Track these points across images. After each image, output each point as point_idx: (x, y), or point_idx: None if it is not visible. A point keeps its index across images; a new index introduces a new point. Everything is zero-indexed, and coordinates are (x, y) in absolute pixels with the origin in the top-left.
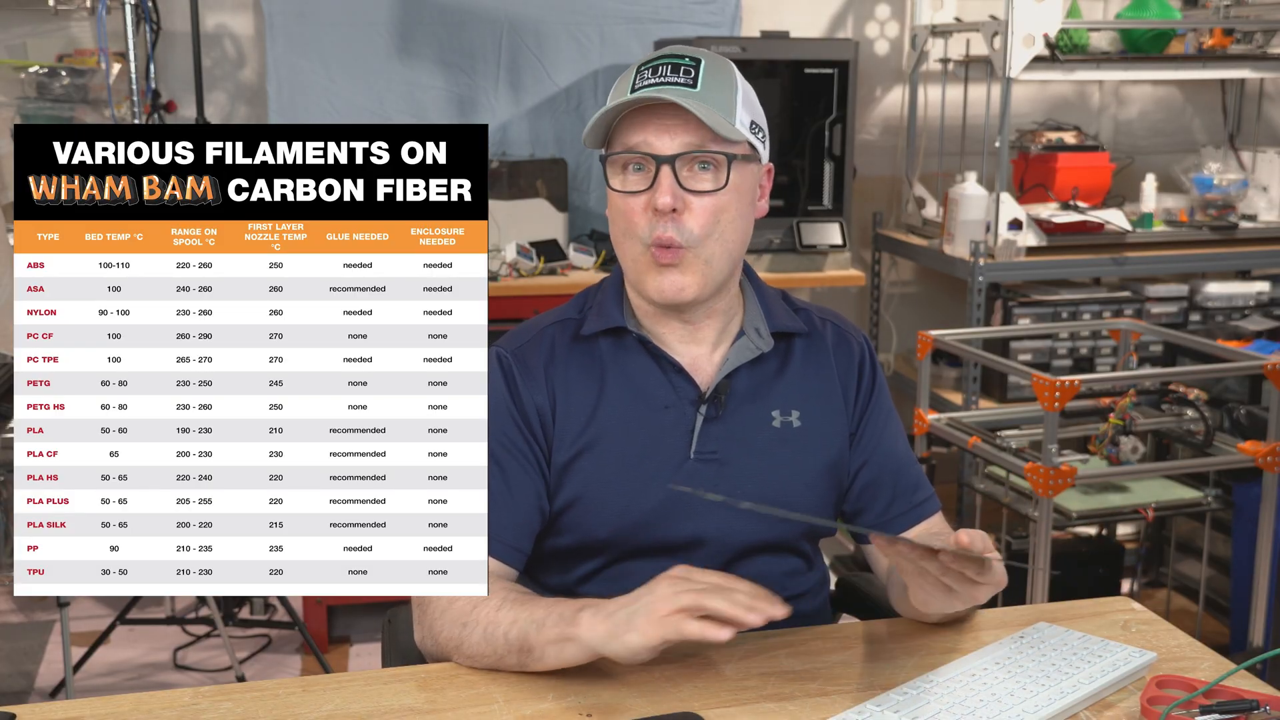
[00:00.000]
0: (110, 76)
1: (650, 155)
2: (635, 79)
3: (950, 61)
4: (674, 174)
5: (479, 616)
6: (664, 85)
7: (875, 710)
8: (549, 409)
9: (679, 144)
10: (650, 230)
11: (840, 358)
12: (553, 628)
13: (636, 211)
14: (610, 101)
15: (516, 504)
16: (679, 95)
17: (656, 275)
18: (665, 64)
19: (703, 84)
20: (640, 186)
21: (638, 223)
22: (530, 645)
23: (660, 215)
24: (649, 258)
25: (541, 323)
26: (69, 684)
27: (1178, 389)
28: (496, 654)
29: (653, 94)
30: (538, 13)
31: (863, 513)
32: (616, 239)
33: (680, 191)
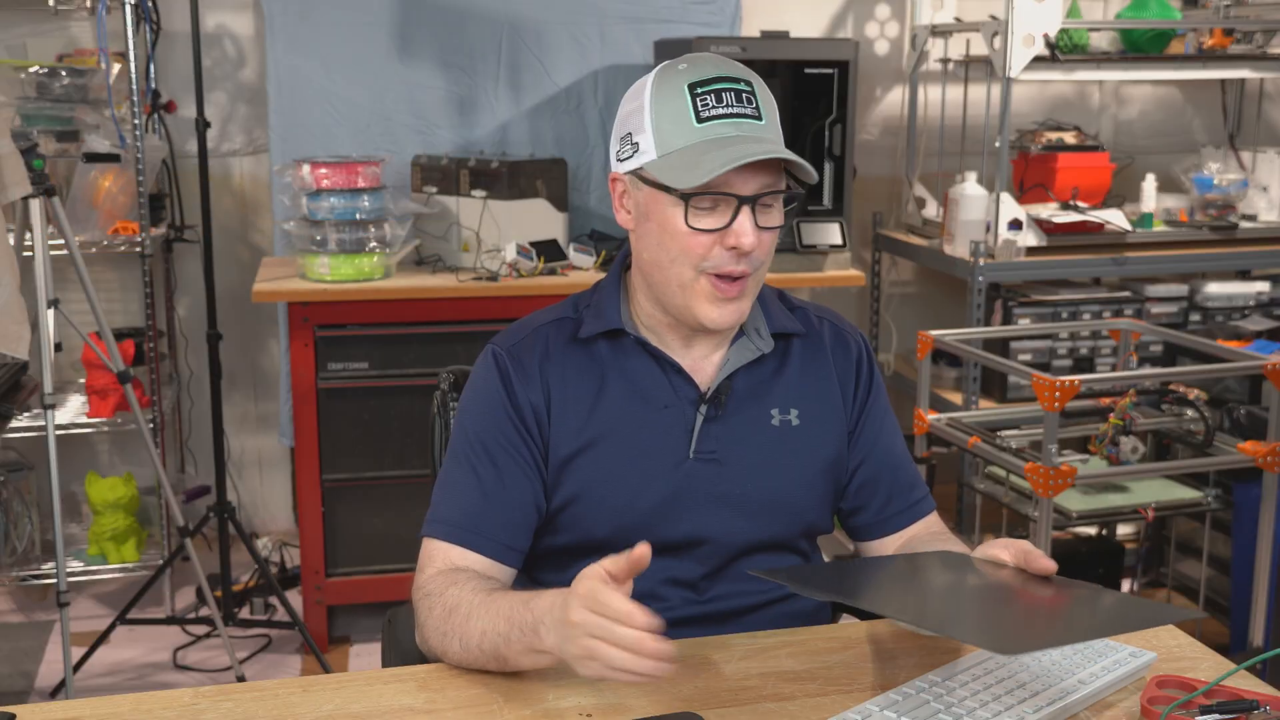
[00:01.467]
0: (110, 76)
1: (734, 195)
2: (696, 104)
3: (950, 61)
4: (753, 213)
5: (453, 627)
6: (737, 118)
7: (875, 710)
8: (544, 407)
9: (758, 184)
10: (717, 262)
11: (838, 357)
12: (519, 641)
13: (704, 244)
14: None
15: (512, 502)
16: (755, 133)
17: (715, 305)
18: (727, 91)
19: (763, 112)
20: (716, 224)
21: (699, 253)
22: (504, 656)
23: (735, 253)
24: (706, 286)
25: (535, 321)
26: (69, 684)
27: (1178, 389)
28: (478, 662)
29: (748, 140)
30: (538, 13)
31: (860, 511)
32: (663, 261)
33: (758, 230)
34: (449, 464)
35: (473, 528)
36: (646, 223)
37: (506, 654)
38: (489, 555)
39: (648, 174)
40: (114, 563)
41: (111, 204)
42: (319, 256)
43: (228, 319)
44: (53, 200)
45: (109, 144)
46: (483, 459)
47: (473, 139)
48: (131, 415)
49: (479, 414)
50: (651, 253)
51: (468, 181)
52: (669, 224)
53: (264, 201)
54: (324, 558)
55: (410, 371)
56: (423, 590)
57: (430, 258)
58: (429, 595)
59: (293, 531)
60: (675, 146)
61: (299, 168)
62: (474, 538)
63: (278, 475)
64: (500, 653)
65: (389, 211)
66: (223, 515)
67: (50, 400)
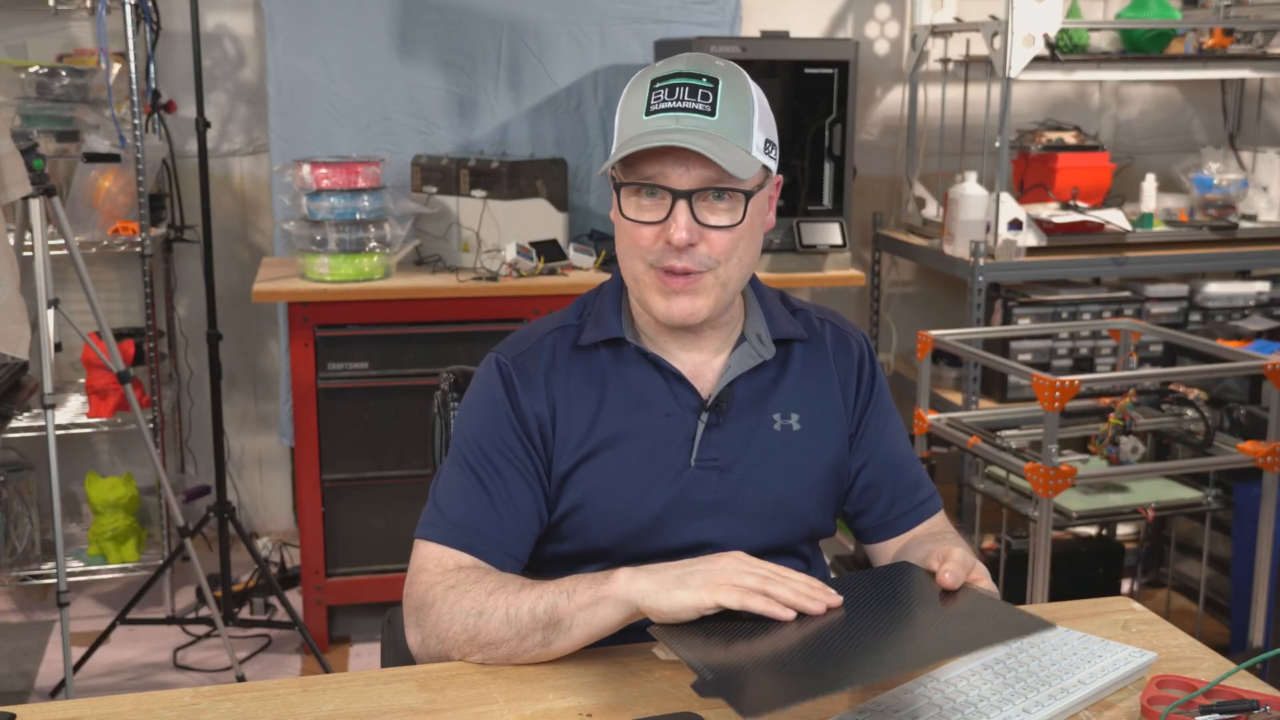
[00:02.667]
0: (110, 76)
1: (666, 189)
2: (650, 98)
3: (950, 61)
4: (690, 208)
5: (497, 602)
6: (682, 112)
7: (875, 710)
8: (549, 418)
9: (695, 178)
10: (660, 256)
11: (839, 359)
12: (585, 592)
13: (647, 236)
14: (623, 118)
15: (516, 512)
16: (697, 128)
17: (663, 298)
18: (682, 85)
19: (720, 109)
20: (654, 217)
21: (643, 245)
22: (559, 616)
23: (672, 248)
24: (653, 277)
25: (541, 329)
26: (69, 684)
27: (1178, 389)
28: (519, 635)
29: (670, 130)
30: (538, 13)
31: (864, 513)
32: (621, 255)
33: (696, 226)
34: (451, 469)
35: (480, 533)
36: (614, 214)
37: (564, 610)
38: (494, 563)
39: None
40: (114, 563)
41: (111, 204)
42: (319, 256)
43: (228, 319)
44: (53, 200)
45: (109, 144)
46: (487, 467)
47: (473, 139)
48: (131, 415)
49: (483, 422)
50: (619, 249)
51: (468, 181)
52: (618, 216)
53: (264, 201)
54: (324, 558)
55: (410, 371)
56: (444, 584)
57: (430, 258)
58: (455, 586)
59: (293, 531)
60: (622, 139)
61: (299, 168)
62: (482, 544)
63: (278, 475)
64: (557, 611)
65: (389, 211)
66: (223, 515)
67: (50, 400)
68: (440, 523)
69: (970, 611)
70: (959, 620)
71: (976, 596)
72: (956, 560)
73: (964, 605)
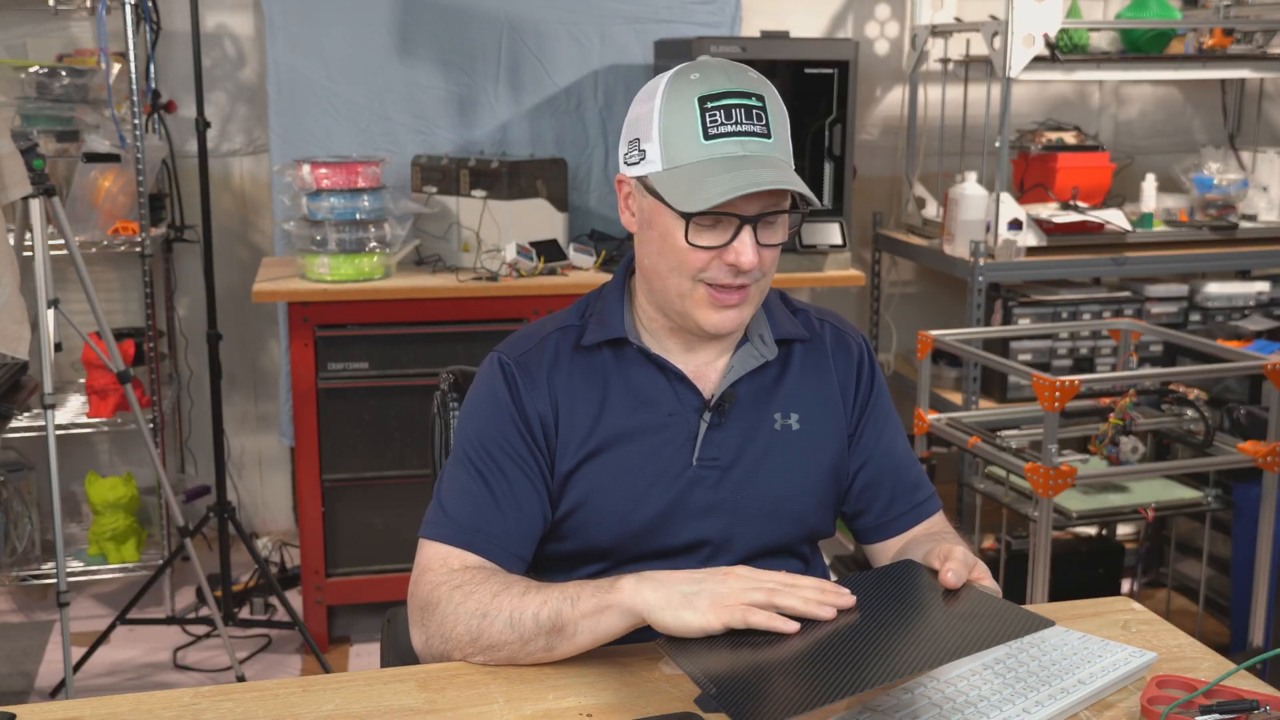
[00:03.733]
0: (110, 76)
1: (735, 215)
2: (704, 119)
3: (950, 61)
4: (754, 232)
5: (501, 605)
6: (743, 136)
7: (875, 710)
8: (552, 417)
9: (760, 204)
10: (714, 276)
11: (839, 359)
12: (589, 599)
13: (702, 259)
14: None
15: (521, 511)
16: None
17: (714, 310)
18: (738, 107)
19: (773, 129)
20: (717, 241)
21: (697, 266)
22: (563, 623)
23: (733, 269)
24: (704, 294)
25: (544, 329)
26: (69, 684)
27: (1178, 389)
28: (521, 639)
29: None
30: (538, 13)
31: (863, 514)
32: (662, 270)
33: (759, 248)
34: (454, 469)
35: (483, 532)
36: (649, 230)
37: (568, 617)
38: (498, 562)
39: (652, 185)
40: (114, 563)
41: (111, 204)
42: (319, 256)
43: (228, 319)
44: (53, 200)
45: (109, 144)
46: (490, 466)
47: (473, 139)
48: (131, 415)
49: (486, 421)
50: (652, 260)
51: (468, 181)
52: (670, 237)
53: (264, 201)
54: (324, 558)
55: (410, 371)
56: (449, 584)
57: (430, 258)
58: (460, 587)
59: (293, 531)
60: (681, 161)
61: (299, 168)
62: (486, 543)
63: (278, 475)
64: (561, 617)
65: (389, 211)
66: (223, 515)
67: (50, 400)
68: (445, 522)
69: (973, 611)
70: (963, 620)
71: (979, 595)
72: (958, 559)
73: (967, 605)
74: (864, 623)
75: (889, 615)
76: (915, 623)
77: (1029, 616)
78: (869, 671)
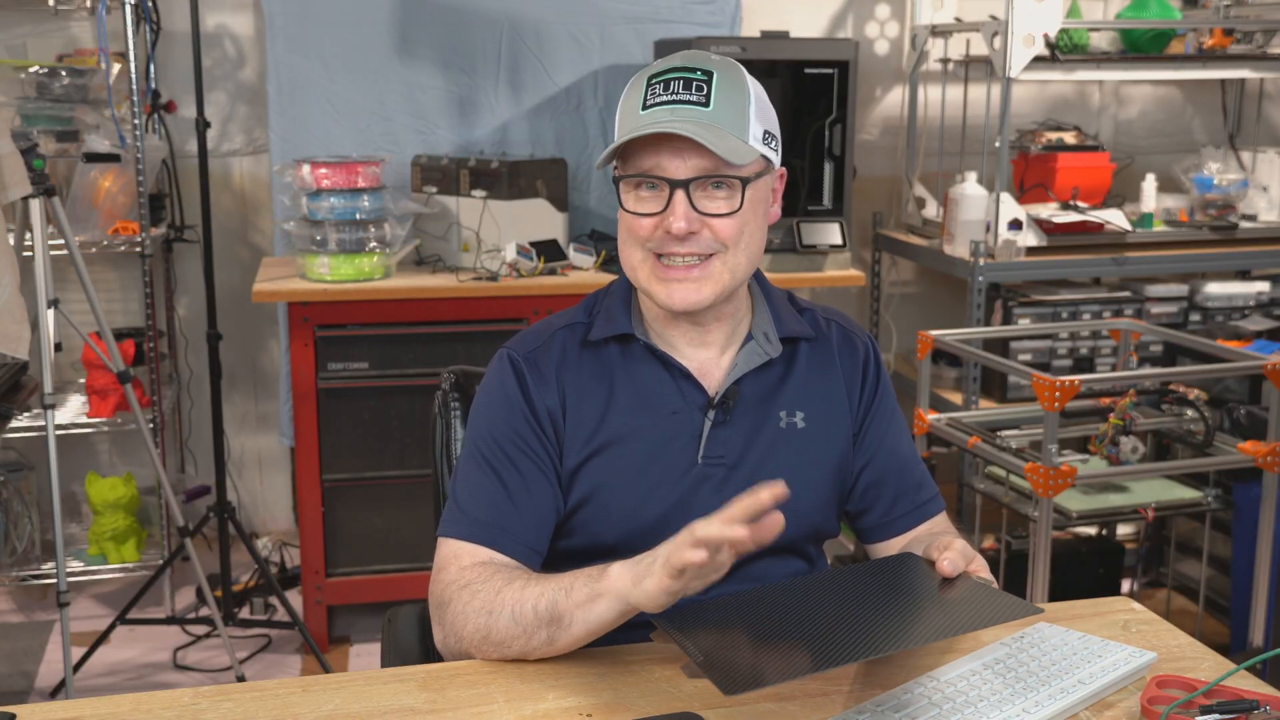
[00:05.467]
0: (110, 76)
1: (664, 179)
2: (646, 93)
3: (950, 61)
4: (688, 197)
5: (504, 600)
6: (677, 104)
7: (875, 710)
8: (560, 412)
9: (692, 168)
10: (660, 243)
11: (845, 359)
12: (581, 589)
13: (646, 226)
14: (622, 116)
15: (535, 505)
16: (692, 118)
17: (663, 284)
18: (677, 79)
19: (715, 101)
20: (653, 208)
21: (642, 235)
22: (559, 612)
23: (672, 237)
24: (651, 264)
25: (552, 326)
26: (69, 684)
27: (1178, 389)
28: (525, 633)
29: (665, 122)
30: (538, 13)
31: (866, 513)
32: (620, 245)
33: (694, 214)
34: (468, 466)
35: (500, 528)
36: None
37: (564, 607)
38: (515, 556)
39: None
40: (114, 563)
41: (111, 204)
42: (319, 256)
43: (228, 319)
44: (53, 200)
45: (109, 144)
46: (504, 462)
47: (473, 139)
48: (131, 415)
49: (497, 417)
50: (619, 241)
51: (468, 181)
52: (621, 211)
53: (264, 201)
54: (324, 558)
55: (410, 371)
56: (458, 582)
57: (430, 258)
58: (468, 585)
59: (293, 531)
60: (620, 135)
61: (299, 168)
62: (501, 537)
63: (278, 475)
64: (557, 608)
65: (389, 211)
66: (223, 515)
67: (50, 400)
68: (460, 519)
69: (964, 597)
70: (951, 605)
71: (973, 584)
72: (957, 550)
73: (959, 592)
74: (856, 606)
75: (880, 598)
76: (904, 604)
77: (1018, 603)
78: (851, 647)
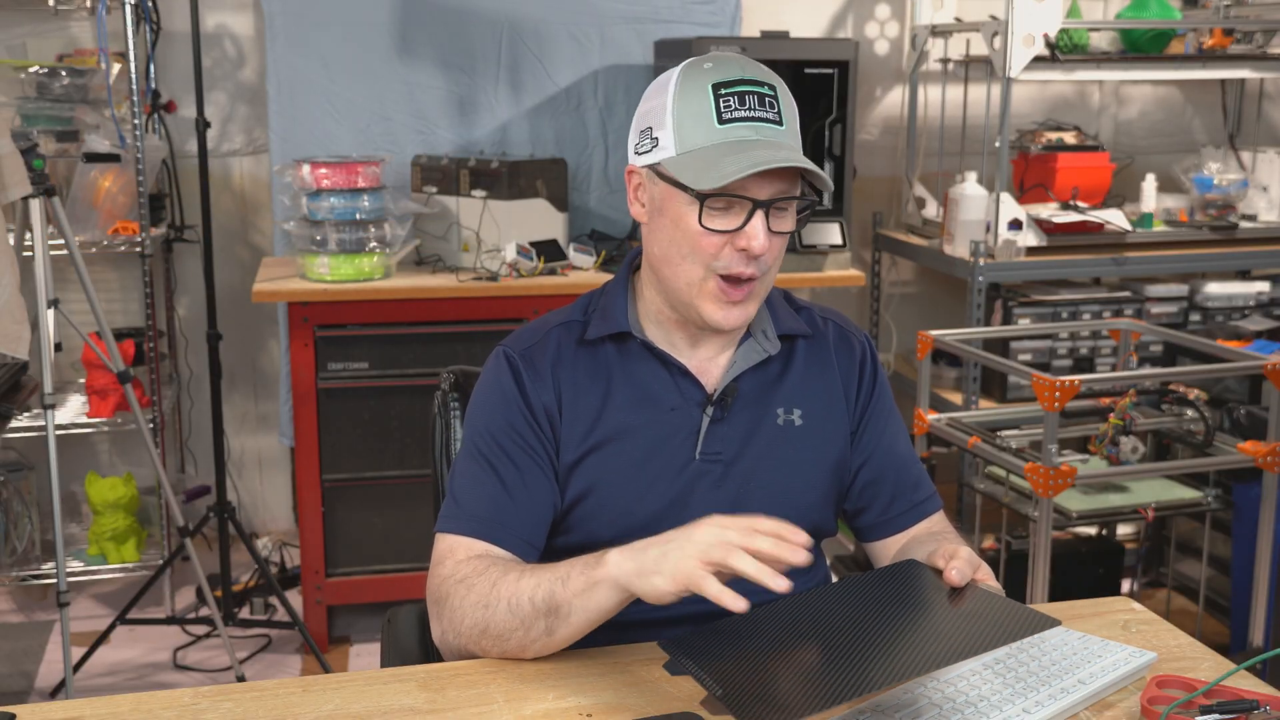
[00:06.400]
0: (110, 76)
1: (749, 199)
2: (718, 105)
3: (950, 61)
4: (765, 217)
5: (500, 593)
6: (757, 122)
7: (875, 710)
8: (556, 408)
9: (773, 189)
10: (726, 263)
11: (842, 357)
12: (578, 577)
13: (716, 244)
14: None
15: (532, 500)
16: (773, 138)
17: (721, 307)
18: (750, 93)
19: (784, 116)
20: (729, 225)
21: (710, 252)
22: (557, 602)
23: (744, 255)
24: (713, 287)
25: (548, 324)
26: (69, 684)
27: (1178, 389)
28: (524, 624)
29: (758, 143)
30: (538, 13)
31: (864, 511)
32: (673, 258)
33: (769, 235)
34: (465, 462)
35: (496, 522)
36: (660, 218)
37: (561, 597)
38: (511, 551)
39: (665, 170)
40: (114, 563)
41: (111, 204)
42: (319, 256)
43: (228, 319)
44: (53, 200)
45: (109, 144)
46: (500, 457)
47: (473, 139)
48: (131, 415)
49: (494, 413)
50: (663, 248)
51: (468, 181)
52: (682, 222)
53: (264, 201)
54: (324, 558)
55: (410, 371)
56: (454, 577)
57: (430, 258)
58: (464, 579)
59: (293, 531)
60: (695, 145)
61: (299, 168)
62: (498, 532)
63: (278, 475)
64: (555, 598)
65: (389, 211)
66: (223, 515)
67: (50, 400)
68: (457, 515)
69: (979, 611)
70: (969, 620)
71: (984, 595)
72: (963, 558)
73: (972, 604)
74: (870, 623)
75: (895, 615)
76: (921, 623)
77: (1036, 616)
78: (876, 672)
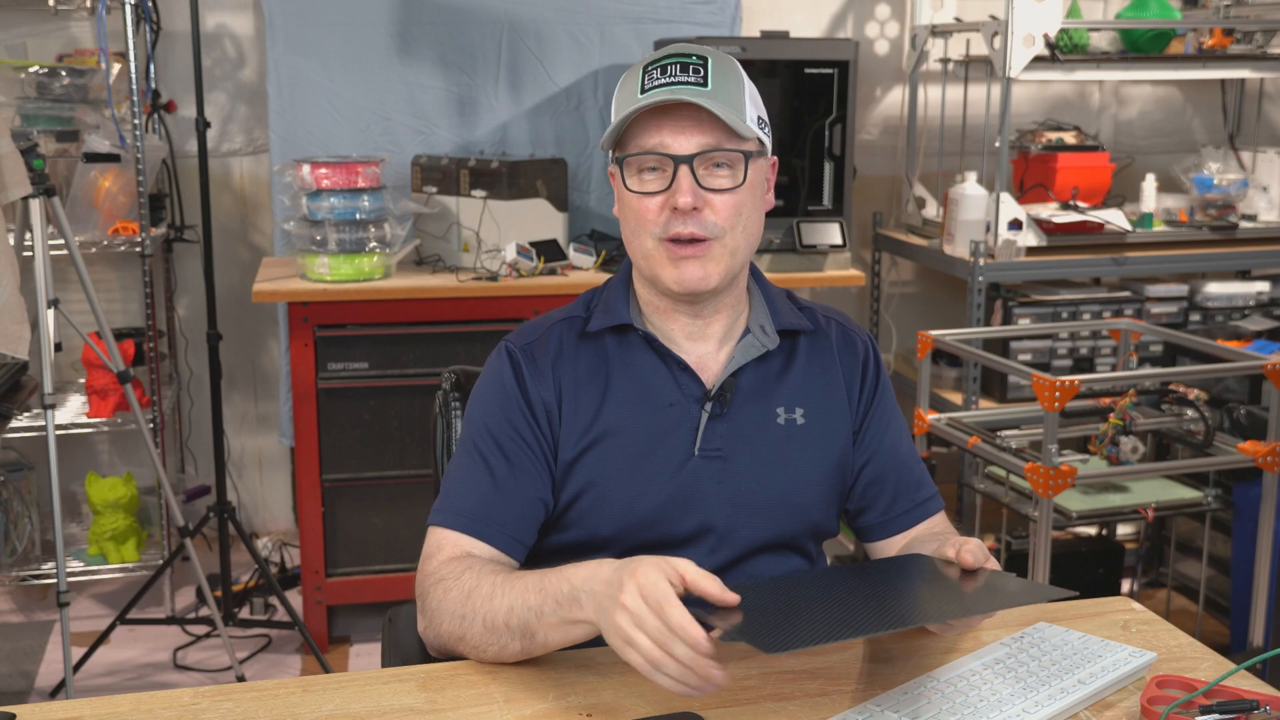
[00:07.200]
0: (110, 76)
1: (668, 155)
2: (644, 79)
3: (950, 61)
4: (692, 173)
5: (475, 608)
6: (675, 85)
7: (875, 710)
8: (556, 405)
9: (696, 144)
10: (666, 226)
11: (845, 356)
12: (553, 614)
13: (652, 209)
14: (619, 104)
15: (522, 496)
16: (693, 95)
17: (674, 267)
18: (674, 63)
19: (713, 82)
20: (658, 187)
21: (650, 219)
22: (534, 632)
23: (679, 214)
24: (663, 251)
25: (549, 320)
26: (69, 684)
27: (1178, 389)
28: (499, 641)
29: (666, 94)
30: (538, 13)
31: (865, 511)
32: (628, 236)
33: (699, 190)
34: (460, 455)
35: (484, 518)
36: (617, 204)
37: (538, 629)
38: (498, 547)
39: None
40: (114, 563)
41: (111, 204)
42: (319, 256)
43: (228, 319)
44: (53, 200)
45: (109, 144)
46: (494, 452)
47: (473, 139)
48: (131, 415)
49: (492, 408)
50: (623, 232)
51: (468, 181)
52: (625, 197)
53: (264, 201)
54: (324, 558)
55: (410, 371)
56: (434, 576)
57: (430, 258)
58: (442, 580)
59: (293, 531)
60: (619, 115)
61: (299, 168)
62: (484, 528)
63: (278, 475)
64: (530, 628)
65: (389, 211)
66: (223, 515)
67: (50, 400)
68: (446, 509)
69: (993, 583)
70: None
71: (997, 573)
72: (975, 544)
73: (986, 579)
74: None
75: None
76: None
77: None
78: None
